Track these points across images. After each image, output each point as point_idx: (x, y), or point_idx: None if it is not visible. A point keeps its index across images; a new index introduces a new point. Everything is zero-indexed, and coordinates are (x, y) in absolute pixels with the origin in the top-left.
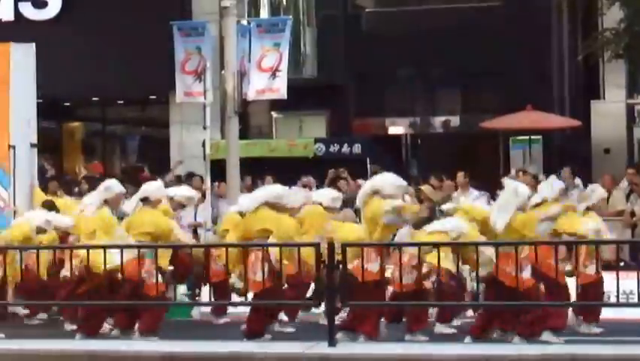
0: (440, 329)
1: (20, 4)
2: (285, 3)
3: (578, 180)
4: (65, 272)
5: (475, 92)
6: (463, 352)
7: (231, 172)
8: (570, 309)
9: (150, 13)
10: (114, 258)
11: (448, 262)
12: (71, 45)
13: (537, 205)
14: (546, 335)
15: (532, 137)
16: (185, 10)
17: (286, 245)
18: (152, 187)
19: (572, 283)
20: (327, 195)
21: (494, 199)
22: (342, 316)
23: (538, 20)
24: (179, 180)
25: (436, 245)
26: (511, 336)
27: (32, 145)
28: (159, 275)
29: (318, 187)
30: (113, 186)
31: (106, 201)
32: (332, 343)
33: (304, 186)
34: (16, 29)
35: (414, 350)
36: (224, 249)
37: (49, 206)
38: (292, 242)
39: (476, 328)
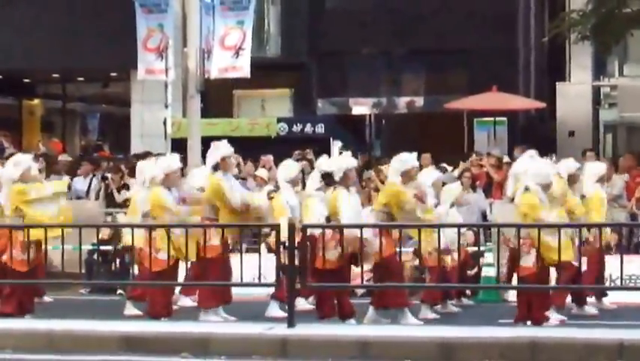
0: None
1: None
2: None
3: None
4: None
5: (440, 73)
6: (420, 334)
7: (193, 151)
8: None
9: None
10: None
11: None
12: (32, 21)
13: None
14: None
15: (497, 118)
16: None
17: (247, 226)
18: None
19: None
20: None
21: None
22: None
23: (505, 0)
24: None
25: (399, 227)
26: None
27: None
28: None
29: None
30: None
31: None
32: (291, 324)
33: (263, 166)
34: None
35: (372, 331)
36: None
37: None
38: (253, 223)
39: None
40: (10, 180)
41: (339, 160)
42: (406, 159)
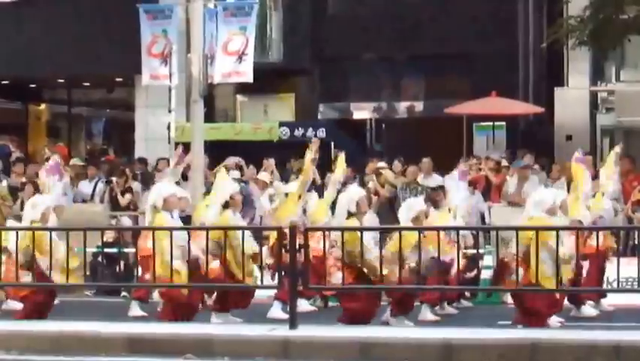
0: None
1: None
2: None
3: (536, 166)
4: None
5: (440, 78)
6: (421, 336)
7: (196, 155)
8: None
9: None
10: None
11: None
12: (38, 27)
13: None
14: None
15: (496, 123)
16: None
17: (249, 228)
18: None
19: None
20: None
21: None
22: None
23: (504, 6)
24: (143, 163)
25: (398, 229)
26: None
27: None
28: None
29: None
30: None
31: None
32: (293, 325)
33: (265, 169)
34: None
35: (373, 333)
36: None
37: None
38: (256, 226)
39: None
40: (29, 221)
41: (347, 194)
42: (413, 205)
